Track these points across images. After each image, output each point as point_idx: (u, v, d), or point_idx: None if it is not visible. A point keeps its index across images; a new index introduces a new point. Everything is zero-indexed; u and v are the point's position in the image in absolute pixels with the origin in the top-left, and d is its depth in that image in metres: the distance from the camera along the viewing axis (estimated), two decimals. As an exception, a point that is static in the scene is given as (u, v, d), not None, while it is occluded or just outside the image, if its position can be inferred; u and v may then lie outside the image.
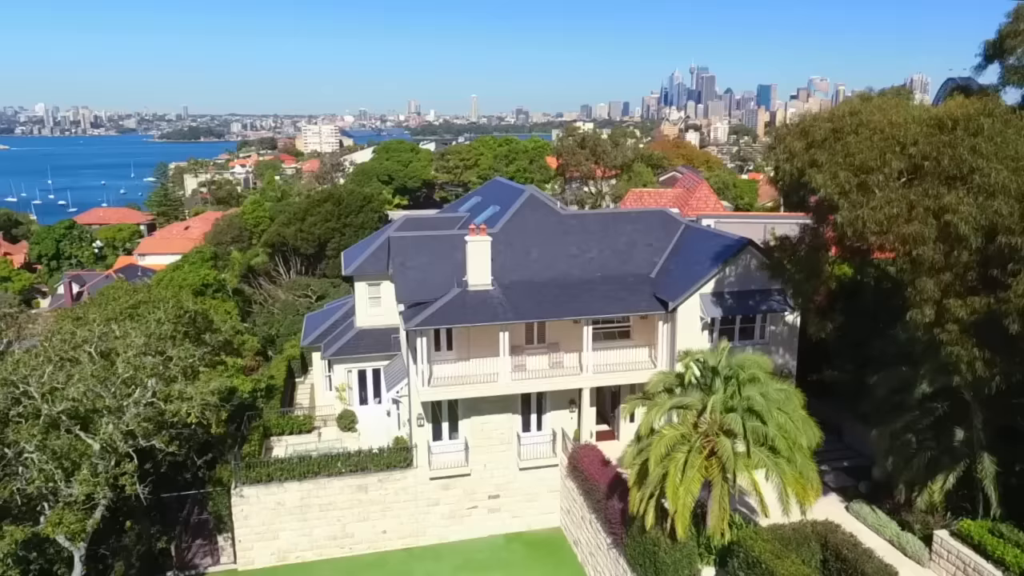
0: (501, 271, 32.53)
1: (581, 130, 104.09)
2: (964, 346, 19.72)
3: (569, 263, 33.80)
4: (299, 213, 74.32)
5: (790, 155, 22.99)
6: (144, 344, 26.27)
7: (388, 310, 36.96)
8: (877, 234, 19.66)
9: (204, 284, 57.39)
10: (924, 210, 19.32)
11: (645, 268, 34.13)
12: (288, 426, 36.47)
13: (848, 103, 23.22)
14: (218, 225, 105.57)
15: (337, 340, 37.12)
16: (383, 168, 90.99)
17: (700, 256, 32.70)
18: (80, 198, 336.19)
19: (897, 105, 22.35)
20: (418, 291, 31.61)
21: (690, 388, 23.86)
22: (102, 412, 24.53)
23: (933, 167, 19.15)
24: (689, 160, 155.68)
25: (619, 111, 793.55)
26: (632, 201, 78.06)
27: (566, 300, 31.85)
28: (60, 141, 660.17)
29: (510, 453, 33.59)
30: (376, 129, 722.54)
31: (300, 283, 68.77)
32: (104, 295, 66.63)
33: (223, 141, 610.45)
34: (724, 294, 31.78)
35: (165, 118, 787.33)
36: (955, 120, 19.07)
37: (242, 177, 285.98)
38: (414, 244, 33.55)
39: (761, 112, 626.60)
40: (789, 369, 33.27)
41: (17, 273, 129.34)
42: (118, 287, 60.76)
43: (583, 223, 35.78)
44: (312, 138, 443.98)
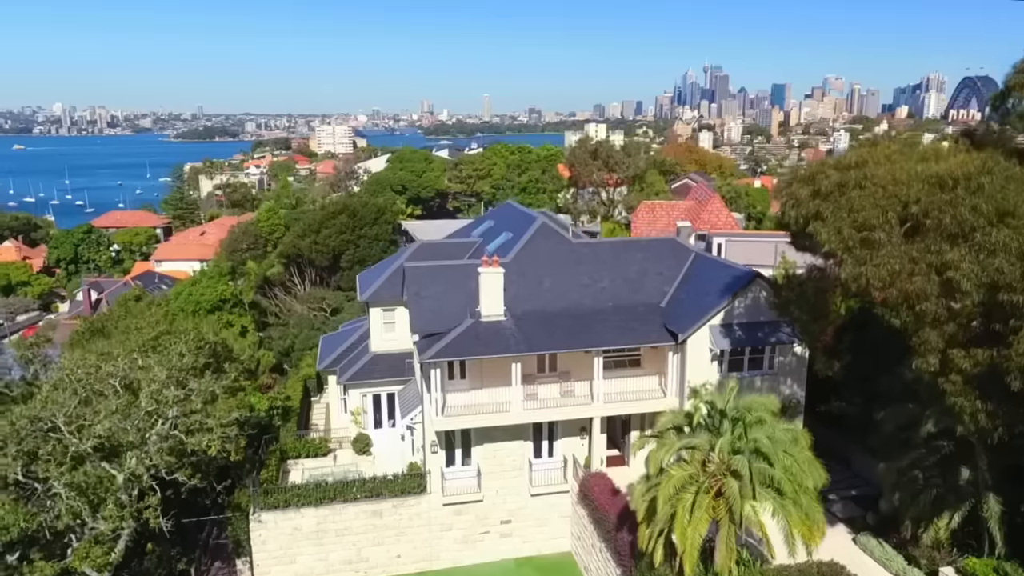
0: (514, 301, 33.13)
1: (594, 139, 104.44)
2: (967, 398, 20.12)
3: (581, 292, 34.34)
4: (314, 225, 75.15)
5: (796, 202, 23.45)
6: (167, 378, 27.06)
7: (402, 335, 37.60)
8: (880, 289, 20.09)
9: (221, 299, 58.26)
10: (927, 266, 19.74)
11: (656, 297, 34.62)
12: (304, 449, 37.25)
13: (856, 152, 23.59)
14: (233, 232, 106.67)
15: (352, 365, 37.84)
16: (397, 178, 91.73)
17: (709, 287, 33.15)
18: (97, 198, 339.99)
19: (903, 155, 22.72)
20: (432, 321, 32.25)
21: (699, 429, 24.36)
22: (126, 446, 25.34)
23: (935, 225, 19.55)
24: (702, 165, 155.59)
25: (632, 111, 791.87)
26: (644, 213, 78.48)
27: (578, 331, 32.39)
28: (77, 141, 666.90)
29: (522, 479, 34.21)
30: (389, 129, 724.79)
31: (315, 295, 69.67)
32: (124, 308, 67.87)
33: (237, 141, 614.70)
34: (733, 326, 32.22)
35: (180, 117, 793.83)
36: (955, 179, 19.47)
37: (256, 179, 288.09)
38: (428, 274, 34.20)
39: (775, 112, 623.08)
40: (797, 399, 33.68)
41: (36, 278, 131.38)
42: (140, 314, 62.11)
43: (594, 251, 36.31)
44: (326, 139, 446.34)
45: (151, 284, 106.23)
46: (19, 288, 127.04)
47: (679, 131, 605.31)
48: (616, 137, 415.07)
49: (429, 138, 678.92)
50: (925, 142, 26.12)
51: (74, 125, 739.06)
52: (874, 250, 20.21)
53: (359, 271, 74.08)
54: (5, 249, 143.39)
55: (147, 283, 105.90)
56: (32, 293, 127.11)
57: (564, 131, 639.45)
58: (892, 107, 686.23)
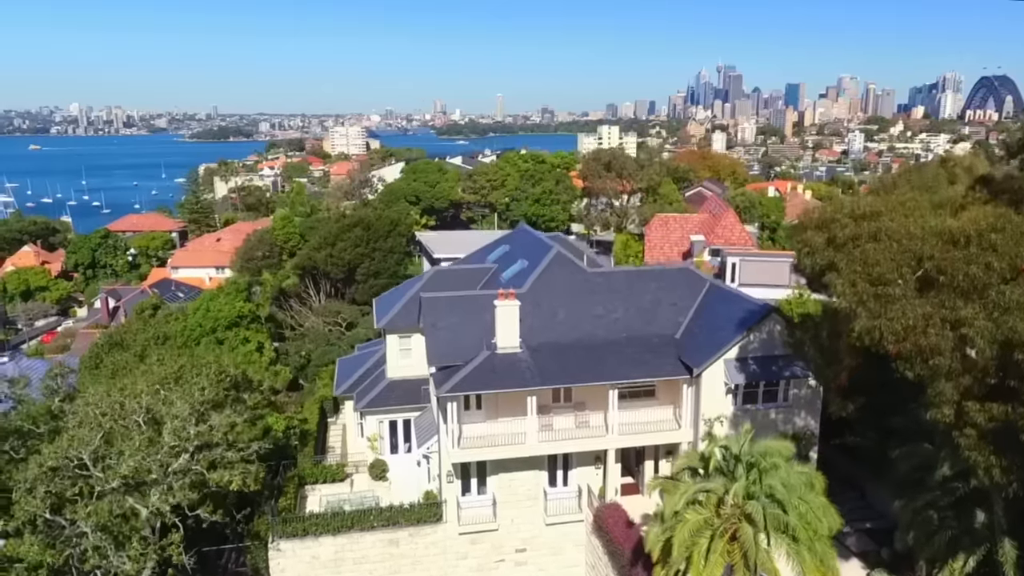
0: (529, 332, 33.43)
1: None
2: (982, 452, 20.26)
3: (595, 324, 34.60)
4: (329, 238, 75.84)
5: (811, 250, 23.64)
6: (189, 413, 27.55)
7: (418, 361, 37.98)
8: (895, 343, 20.26)
9: (239, 316, 58.87)
10: (941, 321, 19.89)
11: (670, 328, 34.82)
12: (322, 475, 37.71)
13: (870, 200, 23.73)
14: (249, 241, 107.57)
15: (369, 391, 38.27)
16: (411, 188, 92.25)
17: (724, 320, 33.33)
18: (113, 199, 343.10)
19: (917, 205, 22.86)
20: (448, 353, 32.62)
21: (714, 473, 24.59)
22: (150, 483, 25.86)
23: (949, 281, 19.70)
24: (715, 171, 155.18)
25: (645, 110, 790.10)
26: (658, 226, 78.54)
27: (592, 364, 32.66)
28: (93, 141, 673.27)
29: (536, 508, 34.51)
30: (402, 129, 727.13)
31: (331, 309, 70.32)
32: (142, 321, 68.62)
33: (251, 141, 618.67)
34: (748, 359, 32.39)
35: (195, 118, 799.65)
36: (968, 236, 19.61)
37: (270, 180, 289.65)
38: (445, 305, 34.57)
39: (789, 112, 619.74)
40: (812, 431, 33.83)
41: (55, 282, 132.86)
42: (158, 326, 62.82)
43: (608, 281, 36.55)
44: (339, 140, 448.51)
45: (167, 292, 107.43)
46: (38, 293, 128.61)
47: (692, 132, 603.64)
48: (629, 139, 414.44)
49: (442, 138, 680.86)
50: (943, 185, 26.03)
51: (91, 125, 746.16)
52: (888, 304, 20.37)
53: (374, 284, 75.03)
54: (24, 254, 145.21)
55: (164, 291, 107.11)
56: (50, 298, 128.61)
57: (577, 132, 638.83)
58: (908, 107, 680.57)
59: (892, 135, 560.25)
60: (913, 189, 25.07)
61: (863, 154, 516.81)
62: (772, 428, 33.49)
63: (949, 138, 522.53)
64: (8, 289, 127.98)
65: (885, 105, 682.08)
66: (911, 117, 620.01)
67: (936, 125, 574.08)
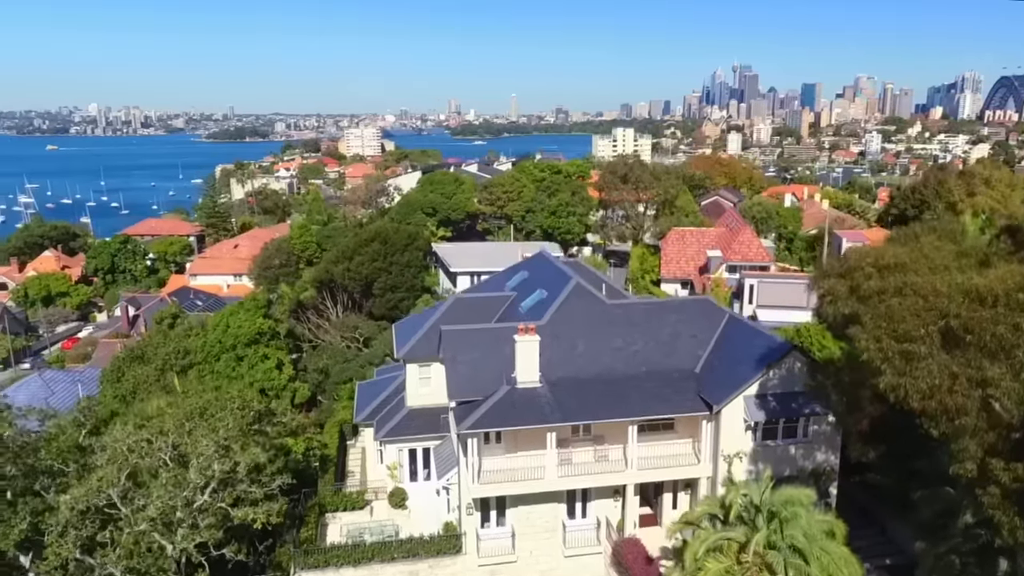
0: (548, 366, 33.58)
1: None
2: (1006, 512, 20.21)
3: (614, 357, 34.69)
4: (347, 252, 76.28)
5: (833, 299, 23.64)
6: (214, 451, 27.94)
7: (438, 389, 38.16)
8: (919, 401, 20.25)
9: (259, 332, 59.43)
10: (967, 381, 19.85)
11: (689, 362, 34.86)
12: (342, 503, 38.07)
13: (895, 251, 23.63)
14: (266, 250, 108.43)
15: (389, 419, 38.56)
16: (427, 200, 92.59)
17: (743, 355, 33.33)
18: (131, 199, 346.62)
19: (941, 252, 22.81)
20: (468, 388, 32.85)
21: (735, 521, 24.65)
22: (176, 522, 26.27)
23: (976, 340, 19.66)
24: (732, 178, 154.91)
25: (660, 110, 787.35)
26: (674, 240, 78.58)
27: (612, 399, 32.76)
28: (111, 141, 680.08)
29: (555, 540, 34.67)
30: (417, 129, 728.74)
31: (348, 324, 70.73)
32: (162, 335, 69.21)
33: (267, 141, 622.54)
34: (768, 396, 32.39)
35: (212, 118, 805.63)
36: (996, 296, 19.56)
37: (286, 183, 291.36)
38: (464, 338, 34.78)
39: (805, 113, 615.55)
40: (832, 467, 33.81)
41: (75, 288, 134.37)
42: (178, 340, 63.37)
43: (628, 313, 36.63)
44: (355, 141, 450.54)
45: (186, 300, 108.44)
46: (59, 299, 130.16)
47: (707, 132, 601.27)
48: (644, 142, 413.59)
49: (456, 138, 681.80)
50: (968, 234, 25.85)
51: (109, 125, 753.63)
52: (913, 362, 20.35)
53: (391, 297, 75.44)
54: (45, 259, 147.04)
55: (182, 299, 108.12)
56: (71, 304, 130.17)
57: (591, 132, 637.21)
58: (926, 107, 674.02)
59: (910, 136, 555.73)
60: (938, 237, 24.90)
61: (880, 155, 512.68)
62: (792, 464, 33.55)
63: (968, 139, 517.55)
64: (30, 294, 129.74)
65: (903, 105, 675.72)
66: (929, 118, 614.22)
67: (955, 126, 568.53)
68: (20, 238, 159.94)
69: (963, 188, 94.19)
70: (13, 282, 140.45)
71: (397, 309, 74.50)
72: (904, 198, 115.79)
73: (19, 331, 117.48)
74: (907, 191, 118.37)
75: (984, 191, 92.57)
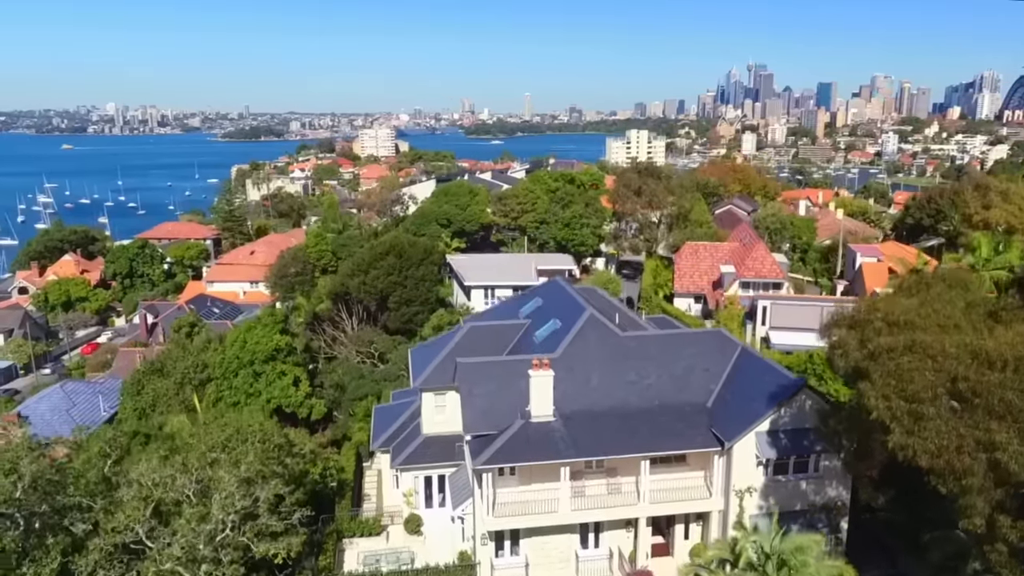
0: (562, 399, 34.11)
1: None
2: (1013, 571, 20.55)
3: (627, 390, 35.17)
4: (362, 265, 77.01)
5: (844, 352, 24.04)
6: (236, 488, 28.65)
7: (453, 417, 38.76)
8: (927, 460, 20.63)
9: (276, 349, 60.25)
10: (975, 442, 20.22)
11: (702, 396, 35.29)
12: (359, 529, 38.78)
13: (904, 305, 23.96)
14: (282, 258, 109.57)
15: (405, 447, 39.21)
16: (442, 212, 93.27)
17: (755, 391, 33.70)
18: (148, 199, 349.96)
19: (952, 311, 23.12)
20: (483, 421, 33.44)
21: (745, 567, 25.09)
22: (200, 560, 27.03)
23: (984, 403, 20.01)
24: (746, 185, 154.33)
25: (674, 110, 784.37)
26: (688, 254, 78.84)
27: (626, 434, 33.25)
28: (127, 140, 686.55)
29: (568, 570, 35.19)
30: (431, 128, 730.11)
31: (363, 338, 71.46)
32: (181, 348, 70.09)
33: (282, 140, 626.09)
34: (779, 433, 32.76)
35: (227, 117, 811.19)
36: (1004, 361, 19.90)
37: (301, 184, 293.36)
38: (480, 371, 35.36)
39: (821, 113, 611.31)
40: (843, 500, 34.11)
41: (94, 292, 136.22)
42: (197, 353, 64.37)
43: (641, 345, 37.07)
44: (369, 142, 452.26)
45: (203, 308, 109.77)
46: (78, 303, 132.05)
47: (722, 132, 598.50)
48: (658, 143, 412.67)
49: (470, 137, 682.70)
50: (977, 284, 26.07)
51: (126, 124, 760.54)
52: (922, 422, 20.73)
53: (405, 311, 76.11)
54: (65, 263, 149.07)
55: (200, 307, 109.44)
56: (90, 308, 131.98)
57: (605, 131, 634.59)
58: (944, 106, 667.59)
59: (927, 136, 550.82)
60: (948, 285, 25.20)
61: (897, 156, 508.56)
62: (802, 498, 33.91)
63: (986, 139, 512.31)
64: (50, 299, 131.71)
65: (920, 104, 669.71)
66: (947, 118, 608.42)
67: (973, 126, 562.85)
68: (40, 242, 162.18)
69: (979, 200, 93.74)
70: (34, 286, 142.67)
71: (412, 323, 75.26)
72: (920, 207, 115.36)
73: (40, 336, 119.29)
74: (923, 200, 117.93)
75: (1000, 204, 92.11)
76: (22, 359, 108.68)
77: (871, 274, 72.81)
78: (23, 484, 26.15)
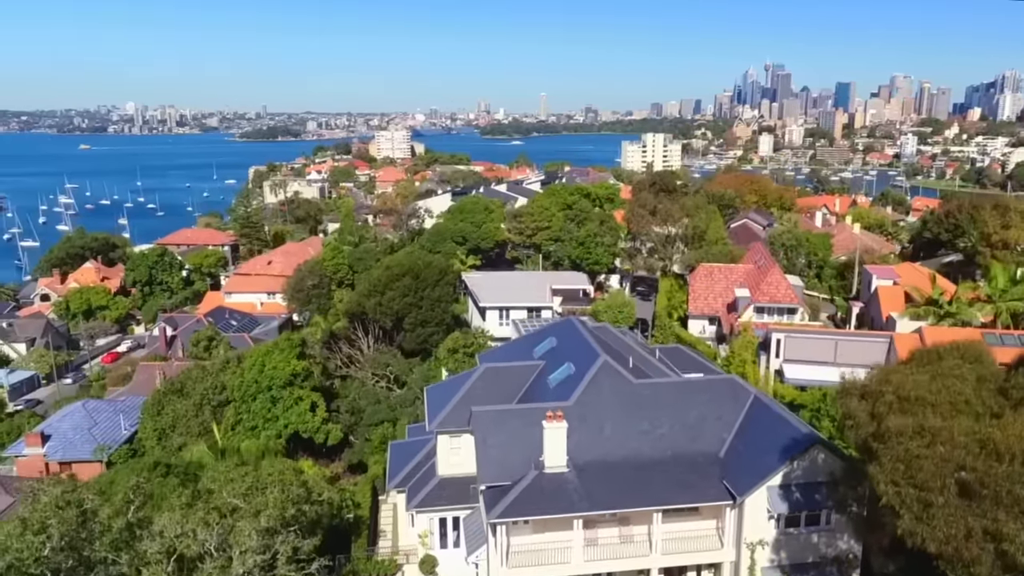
0: (576, 449, 34.55)
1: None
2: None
3: (640, 440, 35.55)
4: (378, 286, 77.74)
5: (855, 424, 24.32)
6: (256, 542, 29.33)
7: (467, 459, 39.33)
8: (936, 547, 20.89)
9: (293, 374, 61.11)
10: (983, 532, 20.46)
11: (714, 446, 35.60)
12: (374, 569, 39.42)
13: (915, 381, 24.17)
14: (299, 272, 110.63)
15: (420, 488, 39.78)
16: (457, 229, 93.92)
17: (768, 443, 33.96)
18: (167, 200, 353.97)
19: (962, 389, 23.33)
20: (498, 472, 33.95)
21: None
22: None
23: (992, 494, 20.25)
24: (762, 196, 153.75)
25: (690, 109, 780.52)
26: (702, 276, 78.94)
27: (638, 485, 33.64)
28: (144, 140, 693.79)
29: (580, 617, 35.65)
30: (446, 128, 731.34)
31: (380, 361, 72.17)
32: (201, 370, 71.15)
33: (299, 140, 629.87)
34: (791, 487, 33.01)
35: (245, 116, 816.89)
36: (1013, 454, 20.13)
37: (318, 187, 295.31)
38: (495, 420, 35.87)
39: (839, 114, 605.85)
40: (854, 554, 34.29)
41: (114, 300, 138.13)
42: (216, 375, 65.37)
43: (655, 393, 37.41)
44: (385, 144, 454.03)
45: (221, 320, 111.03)
46: (99, 312, 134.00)
47: (739, 134, 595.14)
48: (674, 147, 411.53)
49: (486, 138, 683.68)
50: (989, 357, 26.20)
51: (145, 124, 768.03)
52: (930, 509, 20.99)
53: (421, 332, 76.78)
54: (86, 270, 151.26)
55: (218, 319, 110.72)
56: (110, 317, 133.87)
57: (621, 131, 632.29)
58: (964, 107, 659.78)
59: (947, 138, 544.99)
60: (961, 356, 25.39)
61: (916, 158, 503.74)
62: (814, 551, 34.15)
63: (1008, 141, 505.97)
64: (71, 308, 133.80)
65: (940, 105, 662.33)
66: (967, 119, 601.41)
67: (993, 127, 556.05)
68: (62, 249, 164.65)
69: (998, 220, 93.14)
70: (56, 293, 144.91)
71: (427, 343, 75.92)
72: (938, 222, 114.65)
73: (61, 344, 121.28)
74: (941, 215, 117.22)
75: (1019, 224, 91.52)
76: (44, 369, 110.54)
77: (887, 298, 72.60)
78: (52, 543, 26.95)
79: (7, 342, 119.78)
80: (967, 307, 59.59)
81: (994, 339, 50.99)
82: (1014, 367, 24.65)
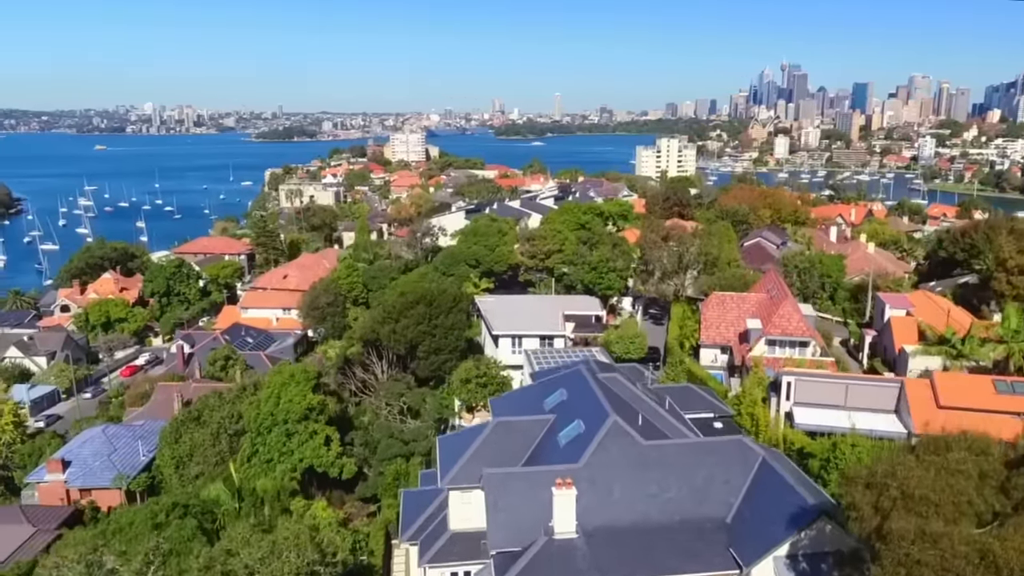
0: (585, 513, 35.08)
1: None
2: None
3: (648, 503, 36.06)
4: (392, 313, 78.63)
5: (859, 516, 24.79)
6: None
7: (478, 513, 39.97)
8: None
9: (309, 408, 62.08)
10: (983, 647, 20.88)
11: (721, 510, 36.04)
12: (388, 622, 40.28)
13: (919, 476, 24.53)
14: (314, 290, 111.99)
15: (432, 542, 40.46)
16: (470, 252, 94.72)
17: (774, 513, 34.32)
18: (184, 202, 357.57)
19: (966, 487, 23.71)
20: (508, 537, 34.56)
21: None
22: None
23: (993, 605, 20.68)
24: (776, 211, 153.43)
25: (705, 110, 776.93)
26: (715, 304, 79.19)
27: (646, 553, 34.15)
28: (161, 140, 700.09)
29: (589, 677, 36.24)
30: (461, 128, 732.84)
31: (394, 391, 73.01)
32: (218, 398, 72.24)
33: (315, 141, 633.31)
34: (798, 557, 33.40)
35: (261, 116, 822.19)
36: (1011, 568, 20.52)
37: (333, 191, 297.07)
38: (505, 482, 36.50)
39: (856, 116, 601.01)
40: (860, 622, 34.68)
41: (132, 312, 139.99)
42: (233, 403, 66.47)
43: (664, 455, 37.85)
44: (400, 147, 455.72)
45: (237, 338, 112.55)
46: (117, 324, 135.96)
47: (754, 135, 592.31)
48: (689, 152, 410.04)
49: (500, 138, 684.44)
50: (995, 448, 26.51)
51: (163, 124, 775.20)
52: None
53: (434, 359, 77.58)
54: (105, 281, 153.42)
55: (234, 337, 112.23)
56: (128, 329, 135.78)
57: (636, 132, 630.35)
58: (983, 108, 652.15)
59: (965, 140, 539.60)
60: (968, 447, 25.75)
61: (934, 160, 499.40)
62: (820, 619, 34.50)
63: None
64: (90, 320, 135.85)
65: (959, 106, 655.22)
66: (986, 120, 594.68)
67: (1014, 129, 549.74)
68: (82, 259, 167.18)
69: (1014, 245, 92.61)
70: (75, 304, 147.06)
71: (441, 370, 76.74)
72: (953, 241, 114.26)
73: (80, 357, 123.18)
74: (956, 234, 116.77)
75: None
76: (64, 383, 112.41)
77: (900, 329, 72.61)
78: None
79: (28, 355, 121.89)
80: (979, 347, 59.57)
81: (1005, 387, 51.04)
82: (1015, 466, 24.96)
